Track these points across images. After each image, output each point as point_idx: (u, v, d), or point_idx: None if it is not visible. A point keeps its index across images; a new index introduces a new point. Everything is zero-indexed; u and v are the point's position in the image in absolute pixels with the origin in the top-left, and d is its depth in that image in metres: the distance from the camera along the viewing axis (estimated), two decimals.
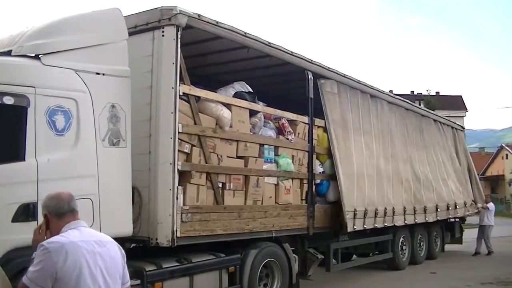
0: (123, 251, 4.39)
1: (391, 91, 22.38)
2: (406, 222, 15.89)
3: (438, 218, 18.08)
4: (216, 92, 10.08)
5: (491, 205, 21.60)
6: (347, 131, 13.43)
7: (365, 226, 13.67)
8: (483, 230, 21.09)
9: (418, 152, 17.45)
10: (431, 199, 17.56)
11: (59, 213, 4.15)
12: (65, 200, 4.22)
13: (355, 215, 13.08)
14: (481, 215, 21.35)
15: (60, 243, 3.91)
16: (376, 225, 14.21)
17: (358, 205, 13.31)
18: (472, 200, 20.90)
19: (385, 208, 14.64)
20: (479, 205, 21.22)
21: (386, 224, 14.77)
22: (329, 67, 12.85)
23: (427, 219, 17.23)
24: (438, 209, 17.96)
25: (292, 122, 11.54)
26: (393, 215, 15.08)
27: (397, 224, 15.40)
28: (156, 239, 8.43)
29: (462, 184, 20.45)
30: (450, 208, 18.80)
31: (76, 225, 4.14)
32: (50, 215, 4.16)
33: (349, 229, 12.82)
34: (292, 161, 11.29)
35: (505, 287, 14.03)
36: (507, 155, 72.33)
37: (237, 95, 10.36)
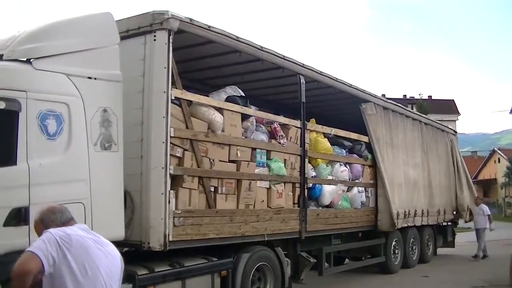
0: (123, 262, 4.66)
1: (383, 95, 22.73)
2: (428, 222, 18.48)
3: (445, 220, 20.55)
4: (208, 96, 10.08)
5: (485, 209, 21.26)
6: (385, 146, 15.57)
7: (403, 225, 16.25)
8: (479, 233, 20.92)
9: (433, 161, 19.27)
10: (441, 203, 19.54)
11: (65, 222, 4.49)
12: (65, 211, 4.58)
13: (397, 216, 15.49)
14: (476, 218, 21.15)
15: (66, 232, 4.24)
16: (408, 224, 16.76)
17: (399, 208, 15.75)
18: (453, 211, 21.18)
19: (416, 210, 17.19)
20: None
21: (409, 223, 16.87)
22: (321, 71, 12.89)
23: (439, 220, 19.69)
24: (446, 213, 20.07)
25: (284, 126, 11.56)
26: (415, 216, 17.27)
27: (417, 224, 17.57)
28: (148, 243, 8.41)
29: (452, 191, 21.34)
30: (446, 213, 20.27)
31: (80, 226, 4.53)
32: (56, 227, 4.36)
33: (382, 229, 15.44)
34: (284, 165, 11.30)
35: None
36: (499, 159, 72.57)
37: (229, 99, 10.36)
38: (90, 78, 7.76)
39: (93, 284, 4.23)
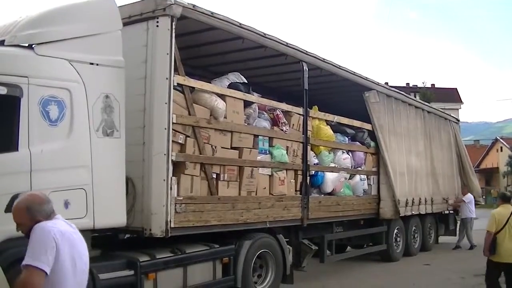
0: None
1: (386, 83, 22.74)
2: (433, 210, 18.75)
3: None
4: (210, 83, 10.07)
5: (467, 197, 20.62)
6: (388, 134, 15.63)
7: (406, 213, 16.39)
8: (464, 223, 20.51)
9: (436, 148, 19.37)
10: (444, 191, 19.73)
11: (50, 214, 4.51)
12: (49, 201, 4.58)
13: (399, 203, 15.61)
14: (461, 208, 20.69)
15: (59, 229, 4.34)
16: (413, 212, 16.98)
17: (401, 196, 15.80)
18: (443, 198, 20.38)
19: (420, 199, 17.43)
20: (450, 201, 20.57)
21: (413, 212, 17.09)
22: (324, 59, 12.85)
23: (442, 208, 19.99)
24: (449, 201, 20.20)
25: (286, 113, 11.54)
26: (419, 204, 17.50)
27: (422, 212, 17.86)
28: (150, 229, 8.41)
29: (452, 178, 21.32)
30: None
31: (59, 217, 4.59)
32: (42, 219, 4.42)
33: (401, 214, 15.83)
34: (287, 152, 11.29)
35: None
36: (501, 147, 72.57)
37: (232, 86, 10.34)
38: (92, 64, 7.75)
39: (80, 274, 4.46)
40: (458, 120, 23.10)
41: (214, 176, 9.59)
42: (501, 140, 75.90)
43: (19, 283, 4.17)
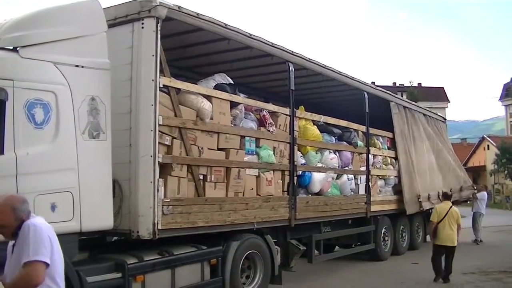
0: None
1: (373, 83, 22.90)
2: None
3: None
4: (196, 84, 10.05)
5: (480, 194, 22.87)
6: (405, 139, 17.72)
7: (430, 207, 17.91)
8: (474, 217, 22.08)
9: (441, 148, 20.93)
10: (454, 184, 21.07)
11: (29, 212, 4.83)
12: (27, 201, 4.90)
13: (418, 199, 17.69)
14: (474, 203, 22.73)
15: (47, 225, 4.78)
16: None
17: (423, 192, 17.95)
18: (471, 185, 23.36)
19: (438, 192, 18.30)
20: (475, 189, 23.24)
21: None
22: (310, 59, 12.87)
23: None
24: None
25: (273, 114, 11.55)
26: (438, 197, 18.20)
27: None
28: (137, 232, 8.39)
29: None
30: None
31: (34, 216, 4.90)
32: (25, 218, 4.75)
33: (409, 212, 17.57)
34: (274, 153, 11.30)
35: (486, 277, 14.15)
36: (488, 146, 72.84)
37: (218, 87, 10.34)
38: (77, 66, 7.72)
39: (63, 267, 4.90)
40: (445, 119, 23.49)
41: (201, 177, 9.58)
42: (488, 138, 76.18)
43: (23, 277, 4.50)
